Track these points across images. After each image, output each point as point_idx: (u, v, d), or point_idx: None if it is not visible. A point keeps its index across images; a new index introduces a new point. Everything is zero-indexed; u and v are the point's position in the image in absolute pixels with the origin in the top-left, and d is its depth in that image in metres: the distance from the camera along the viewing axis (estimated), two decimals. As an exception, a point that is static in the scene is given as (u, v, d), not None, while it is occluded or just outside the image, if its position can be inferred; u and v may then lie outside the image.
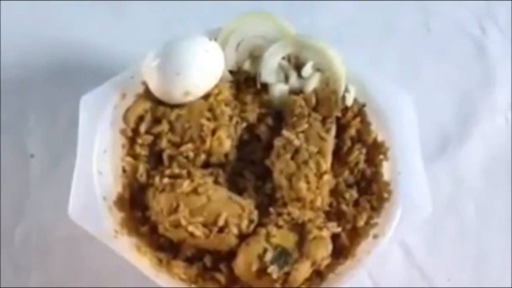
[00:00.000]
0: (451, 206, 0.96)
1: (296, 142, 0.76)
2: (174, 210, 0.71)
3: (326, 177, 0.78)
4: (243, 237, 0.72)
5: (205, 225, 0.71)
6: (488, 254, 0.94)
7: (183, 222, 0.73)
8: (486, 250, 0.94)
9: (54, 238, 0.89)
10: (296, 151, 0.75)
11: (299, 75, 0.82)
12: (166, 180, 0.77)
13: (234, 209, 0.72)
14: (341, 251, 0.79)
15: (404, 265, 0.93)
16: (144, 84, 0.79)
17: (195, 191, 0.72)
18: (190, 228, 0.73)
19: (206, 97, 0.78)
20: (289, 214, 0.72)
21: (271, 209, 0.74)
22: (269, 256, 0.72)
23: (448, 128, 1.02)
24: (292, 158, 0.75)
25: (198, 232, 0.73)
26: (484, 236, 0.95)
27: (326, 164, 0.79)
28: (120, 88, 0.80)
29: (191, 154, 0.76)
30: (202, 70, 0.77)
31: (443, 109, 1.03)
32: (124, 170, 0.77)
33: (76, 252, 0.87)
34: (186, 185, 0.75)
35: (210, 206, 0.71)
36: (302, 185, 0.73)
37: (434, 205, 0.79)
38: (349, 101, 0.82)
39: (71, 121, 0.83)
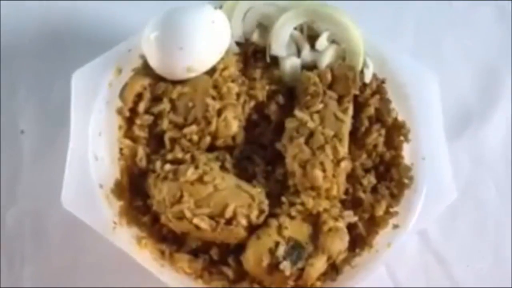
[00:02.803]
0: (470, 188, 0.90)
1: (311, 125, 0.72)
2: (178, 200, 0.68)
3: (344, 164, 0.71)
4: (252, 229, 0.68)
5: (211, 216, 0.67)
6: (509, 240, 0.88)
7: (188, 214, 0.68)
8: (507, 235, 0.88)
9: (49, 224, 0.82)
10: (311, 134, 0.71)
11: (313, 47, 0.77)
12: (168, 166, 0.71)
13: (243, 199, 0.68)
14: (358, 242, 0.74)
15: (420, 250, 0.87)
16: (143, 58, 0.74)
17: (200, 179, 0.68)
18: (195, 221, 0.68)
19: (211, 72, 0.73)
20: (302, 204, 0.69)
21: (283, 198, 0.70)
22: (281, 250, 0.67)
23: (469, 103, 0.95)
24: (306, 142, 0.70)
25: (204, 224, 0.68)
26: (505, 221, 0.89)
27: (344, 149, 0.72)
28: (116, 62, 0.74)
29: (195, 137, 0.71)
30: (207, 44, 0.72)
31: (464, 83, 0.96)
32: (121, 154, 0.72)
33: (73, 240, 0.81)
34: (190, 173, 0.69)
35: (217, 196, 0.67)
36: (318, 173, 0.68)
37: (453, 187, 0.74)
38: (367, 77, 0.77)
39: (65, 97, 0.76)
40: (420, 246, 0.87)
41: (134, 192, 0.71)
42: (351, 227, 0.72)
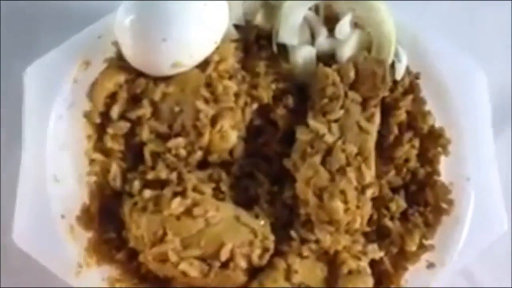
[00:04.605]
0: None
1: (328, 139, 0.61)
2: (160, 239, 0.58)
3: (370, 192, 0.59)
4: (254, 272, 0.59)
5: (203, 259, 0.58)
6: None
7: (173, 257, 0.57)
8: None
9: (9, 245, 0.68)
10: (328, 151, 0.61)
11: (331, 33, 0.67)
12: (148, 192, 0.59)
13: (242, 235, 0.59)
14: (383, 280, 0.63)
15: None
16: (117, 46, 0.65)
17: (188, 212, 0.58)
18: (183, 266, 0.57)
19: (203, 65, 0.64)
20: (317, 241, 0.60)
21: (293, 233, 0.61)
22: (290, 303, 0.58)
23: (508, 96, 0.81)
24: (323, 162, 0.60)
25: (194, 270, 0.57)
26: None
27: (370, 171, 0.60)
28: (81, 52, 0.65)
29: (182, 152, 0.62)
30: (198, 34, 0.62)
31: (505, 74, 0.81)
32: (90, 172, 0.63)
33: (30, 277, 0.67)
34: (176, 204, 0.57)
35: (209, 232, 0.58)
36: (338, 205, 0.59)
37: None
38: (399, 73, 0.67)
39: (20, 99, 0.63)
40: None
41: (105, 220, 0.62)
42: (375, 263, 0.62)
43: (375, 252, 0.61)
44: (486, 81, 0.66)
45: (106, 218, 0.62)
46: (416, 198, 0.64)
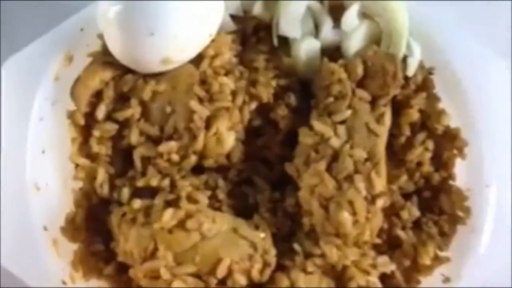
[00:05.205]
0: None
1: (334, 142, 0.57)
2: (151, 255, 0.53)
3: (381, 202, 0.55)
4: None
5: (198, 275, 0.54)
6: None
7: (165, 274, 0.52)
8: None
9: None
10: (335, 156, 0.56)
11: (337, 23, 0.62)
12: (137, 202, 0.55)
13: (241, 249, 0.55)
14: None
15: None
16: (101, 39, 0.60)
17: (181, 224, 0.53)
18: (176, 284, 0.53)
19: (197, 60, 0.60)
20: (322, 255, 0.55)
21: (296, 247, 0.56)
22: (293, 322, 0.54)
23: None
24: (329, 168, 0.56)
25: None
26: None
27: (381, 179, 0.56)
28: (63, 46, 0.60)
29: (175, 156, 0.58)
30: (189, 26, 0.57)
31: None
32: (75, 178, 0.59)
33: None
34: (168, 217, 0.53)
35: (205, 246, 0.54)
36: (345, 217, 0.54)
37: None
38: (411, 69, 0.62)
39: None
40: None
41: (92, 231, 0.59)
42: (386, 277, 0.58)
43: (386, 265, 0.57)
44: (509, 77, 0.60)
45: (93, 228, 0.59)
46: (430, 206, 0.60)
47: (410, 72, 0.61)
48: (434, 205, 0.60)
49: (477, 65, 0.62)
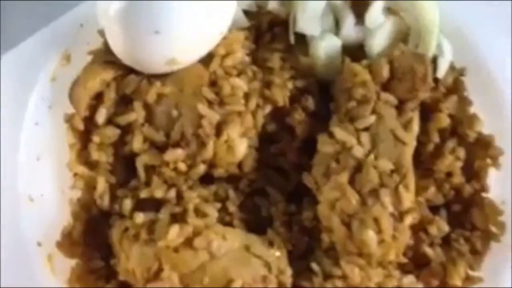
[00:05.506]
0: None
1: (358, 152, 0.53)
2: (155, 275, 0.50)
3: (410, 219, 0.51)
4: None
5: None
6: None
7: None
8: None
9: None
10: (358, 167, 0.52)
11: (359, 18, 0.60)
12: (140, 217, 0.51)
13: (254, 269, 0.52)
14: None
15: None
16: (103, 35, 0.57)
17: (188, 242, 0.50)
18: None
19: (206, 60, 0.57)
20: (343, 276, 0.51)
21: (314, 266, 0.53)
22: None
23: None
24: (351, 180, 0.52)
25: None
26: None
27: (410, 193, 0.52)
28: (61, 44, 0.58)
29: (182, 166, 0.55)
30: (197, 24, 0.54)
31: None
32: (73, 188, 0.56)
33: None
34: (174, 234, 0.50)
35: (214, 266, 0.51)
36: (370, 235, 0.51)
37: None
38: (441, 70, 0.58)
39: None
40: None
41: (91, 245, 0.56)
42: None
43: (412, 285, 0.54)
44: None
45: (91, 243, 0.56)
46: (461, 220, 0.58)
47: (441, 73, 0.59)
48: (465, 220, 0.58)
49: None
